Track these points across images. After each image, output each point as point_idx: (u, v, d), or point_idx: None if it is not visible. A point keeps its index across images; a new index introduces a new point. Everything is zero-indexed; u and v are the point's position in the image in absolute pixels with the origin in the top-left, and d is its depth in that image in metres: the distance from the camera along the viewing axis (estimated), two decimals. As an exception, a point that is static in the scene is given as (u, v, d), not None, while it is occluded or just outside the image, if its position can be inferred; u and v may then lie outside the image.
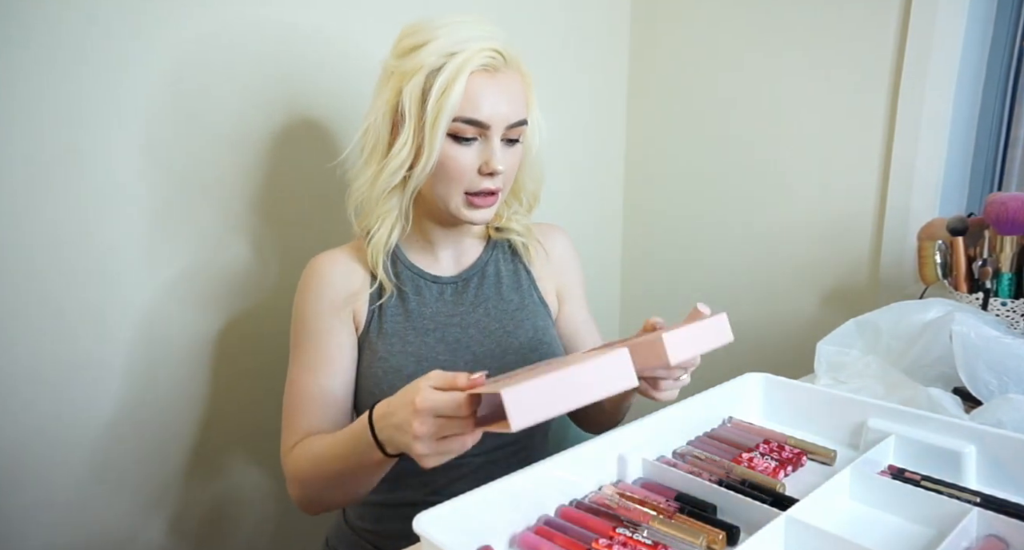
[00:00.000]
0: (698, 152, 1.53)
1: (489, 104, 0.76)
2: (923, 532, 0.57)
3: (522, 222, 0.92)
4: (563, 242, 0.97)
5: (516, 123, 0.79)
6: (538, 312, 0.91)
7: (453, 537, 0.52)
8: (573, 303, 0.96)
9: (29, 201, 0.88)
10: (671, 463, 0.67)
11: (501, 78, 0.77)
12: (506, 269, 0.91)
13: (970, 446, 0.65)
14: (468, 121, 0.76)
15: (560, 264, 0.96)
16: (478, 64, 0.75)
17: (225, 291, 1.08)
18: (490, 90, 0.76)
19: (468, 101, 0.75)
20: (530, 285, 0.92)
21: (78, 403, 0.96)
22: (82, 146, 0.91)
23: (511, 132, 0.79)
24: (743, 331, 1.51)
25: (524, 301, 0.90)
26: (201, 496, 1.11)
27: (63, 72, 0.88)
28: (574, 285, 0.97)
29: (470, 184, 0.79)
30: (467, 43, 0.75)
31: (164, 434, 1.05)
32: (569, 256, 0.97)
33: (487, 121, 0.76)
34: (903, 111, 1.19)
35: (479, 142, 0.78)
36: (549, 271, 0.94)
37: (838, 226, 1.32)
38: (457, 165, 0.78)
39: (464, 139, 0.77)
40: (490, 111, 0.76)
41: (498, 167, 0.77)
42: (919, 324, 0.89)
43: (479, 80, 0.76)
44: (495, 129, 0.77)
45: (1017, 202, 0.94)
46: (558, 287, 0.95)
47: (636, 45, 1.62)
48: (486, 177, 0.79)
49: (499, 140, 0.78)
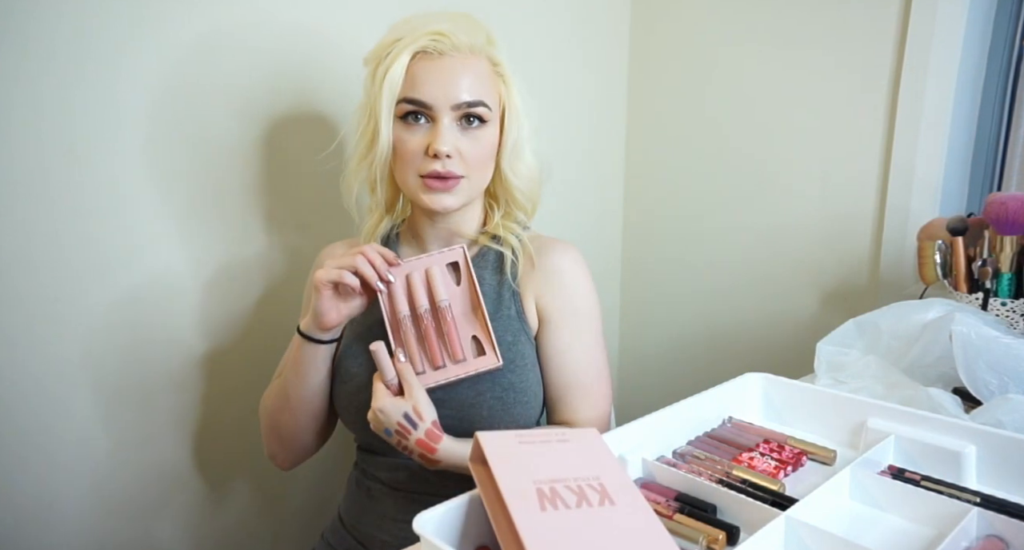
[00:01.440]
0: (698, 151, 1.53)
1: (429, 84, 0.76)
2: (923, 532, 0.57)
3: (518, 232, 0.87)
4: (564, 263, 0.85)
5: (465, 103, 0.77)
6: (509, 326, 0.83)
7: (453, 537, 0.52)
8: (554, 328, 0.84)
9: (28, 202, 0.88)
10: (671, 463, 0.67)
11: (447, 61, 0.77)
12: (490, 280, 0.85)
13: (970, 446, 0.65)
14: (409, 100, 0.77)
15: (548, 283, 0.84)
16: (419, 46, 0.76)
17: (233, 288, 1.08)
18: (432, 70, 0.76)
19: (408, 81, 0.77)
20: (511, 297, 0.84)
21: (85, 404, 0.96)
22: (81, 146, 0.91)
23: (463, 112, 0.78)
24: (743, 331, 1.52)
25: (498, 312, 0.83)
26: (202, 495, 1.11)
27: (63, 73, 0.88)
28: (561, 309, 0.84)
29: (420, 167, 0.79)
30: (413, 29, 0.76)
31: (165, 434, 1.05)
32: (565, 279, 0.85)
33: (429, 101, 0.77)
34: (903, 111, 1.19)
35: (428, 125, 0.78)
36: (533, 286, 0.85)
37: (838, 226, 1.32)
38: (404, 147, 0.79)
39: (411, 120, 0.78)
40: (431, 91, 0.76)
41: (441, 148, 0.76)
42: (919, 324, 0.88)
43: (422, 62, 0.77)
44: (439, 109, 0.77)
45: (1017, 202, 0.94)
46: (540, 305, 0.85)
47: (636, 45, 1.62)
48: (433, 159, 0.78)
49: (448, 121, 0.78)
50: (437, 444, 0.74)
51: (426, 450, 0.74)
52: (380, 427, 0.75)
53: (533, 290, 0.85)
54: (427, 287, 0.80)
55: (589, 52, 1.55)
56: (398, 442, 0.75)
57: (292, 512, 1.23)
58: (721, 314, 1.55)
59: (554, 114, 1.51)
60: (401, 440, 0.74)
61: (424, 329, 0.79)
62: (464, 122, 0.79)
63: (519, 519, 0.48)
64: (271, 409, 0.88)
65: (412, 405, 0.74)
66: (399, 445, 0.75)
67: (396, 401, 0.74)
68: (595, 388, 0.85)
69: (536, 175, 0.88)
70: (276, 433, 0.89)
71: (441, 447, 0.74)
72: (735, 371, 0.83)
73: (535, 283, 0.85)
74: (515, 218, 0.89)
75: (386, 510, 0.87)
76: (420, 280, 0.80)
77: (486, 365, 0.78)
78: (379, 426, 0.75)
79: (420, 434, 0.74)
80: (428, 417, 0.74)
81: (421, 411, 0.74)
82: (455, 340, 0.79)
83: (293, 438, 0.88)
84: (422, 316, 0.79)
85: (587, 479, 0.54)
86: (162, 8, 0.94)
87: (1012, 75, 1.19)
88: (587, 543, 0.47)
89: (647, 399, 0.89)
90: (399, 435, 0.74)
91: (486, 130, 0.80)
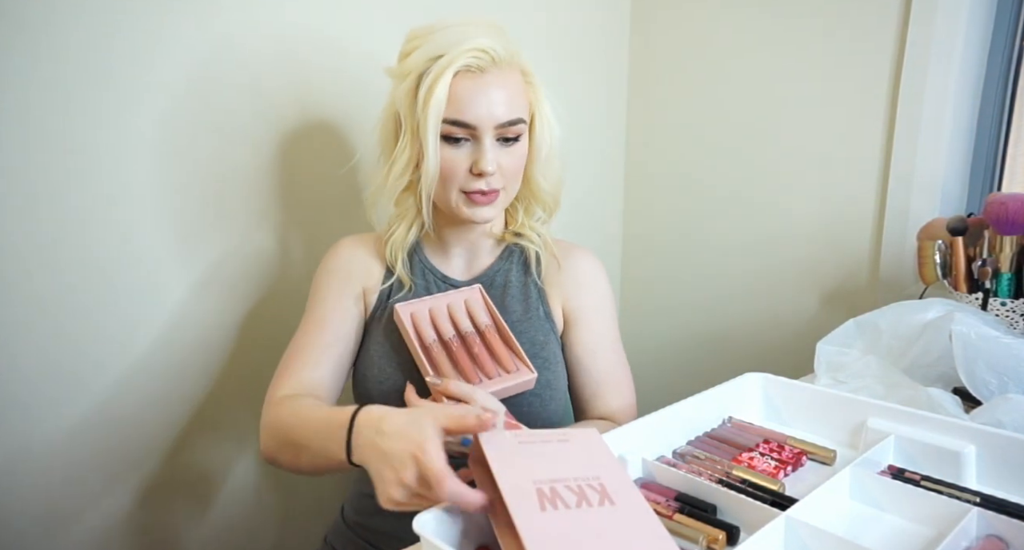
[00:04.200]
0: (698, 152, 1.53)
1: (474, 105, 0.76)
2: (923, 532, 0.57)
3: (540, 231, 0.91)
4: (586, 266, 0.92)
5: (507, 122, 0.78)
6: (540, 327, 0.87)
7: (453, 537, 0.52)
8: (581, 328, 0.90)
9: (34, 201, 0.88)
10: (671, 463, 0.67)
11: (489, 78, 0.76)
12: (516, 280, 0.90)
13: (970, 446, 0.65)
14: (454, 122, 0.77)
15: (575, 285, 0.90)
16: (461, 64, 0.75)
17: (246, 287, 1.09)
18: (475, 90, 0.76)
19: (452, 103, 0.76)
20: (538, 298, 0.89)
21: (85, 405, 0.96)
22: (97, 145, 0.92)
23: (505, 131, 0.78)
24: (743, 331, 1.52)
25: (527, 313, 0.88)
26: (202, 496, 1.11)
27: (83, 73, 0.88)
28: (586, 309, 0.90)
29: (464, 184, 0.80)
30: (453, 46, 0.75)
31: (165, 434, 1.05)
32: (589, 280, 0.91)
33: (473, 122, 0.76)
34: (903, 111, 1.19)
35: (471, 143, 0.78)
36: (560, 288, 0.90)
37: (838, 226, 1.32)
38: (449, 166, 0.79)
39: (454, 140, 0.78)
40: (476, 112, 0.76)
41: (487, 168, 0.77)
42: (919, 324, 0.88)
43: (464, 82, 0.76)
44: (483, 129, 0.77)
45: (1017, 202, 0.94)
46: (567, 307, 0.90)
47: (636, 45, 1.62)
48: (477, 178, 0.79)
49: (491, 140, 0.78)
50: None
51: None
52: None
53: (559, 292, 0.90)
54: (451, 319, 0.82)
55: (589, 52, 1.55)
56: None
57: (293, 515, 1.22)
58: (721, 314, 1.55)
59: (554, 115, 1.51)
60: None
61: (455, 353, 0.79)
62: (503, 140, 0.79)
63: (519, 519, 0.48)
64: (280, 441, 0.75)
65: (480, 406, 0.66)
66: None
67: (465, 407, 0.65)
68: (623, 383, 0.91)
69: (558, 176, 0.90)
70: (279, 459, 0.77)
71: None
72: (735, 371, 0.83)
73: (560, 286, 0.90)
74: (535, 216, 0.91)
75: None
76: (443, 315, 0.82)
77: (522, 377, 0.78)
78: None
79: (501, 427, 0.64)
80: (500, 409, 0.68)
81: (492, 408, 0.67)
82: (486, 359, 0.79)
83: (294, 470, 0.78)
84: (450, 341, 0.80)
85: (587, 479, 0.54)
86: (161, 12, 0.94)
87: (1012, 75, 1.19)
88: (586, 543, 0.47)
89: (647, 399, 0.90)
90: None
91: (521, 143, 0.82)
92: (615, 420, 0.86)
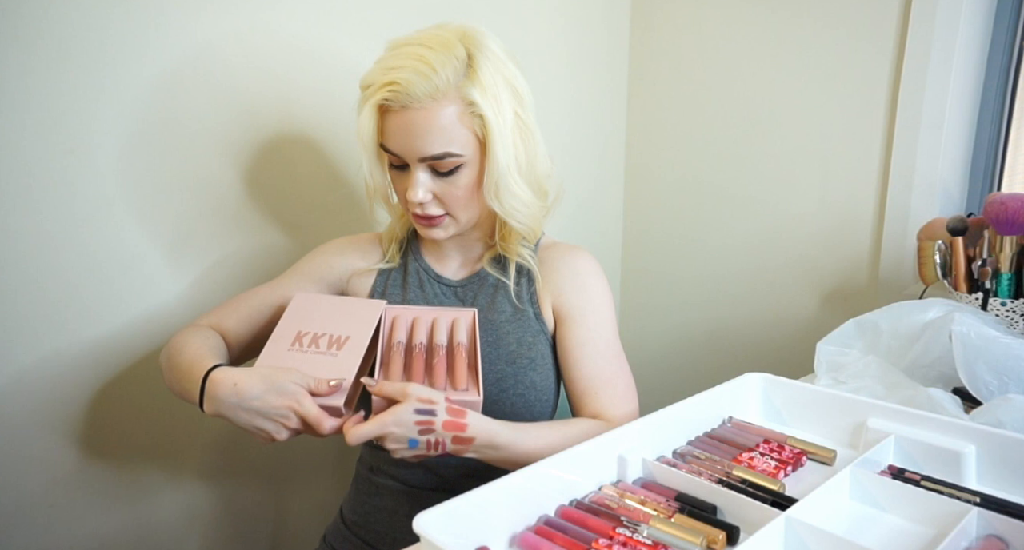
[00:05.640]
0: (698, 151, 1.54)
1: (396, 136, 0.76)
2: (923, 532, 0.57)
3: (525, 253, 0.88)
4: (580, 265, 0.88)
5: (431, 157, 0.75)
6: (529, 326, 0.85)
7: (453, 537, 0.52)
8: (571, 325, 0.86)
9: (32, 202, 0.88)
10: (671, 463, 0.67)
11: (410, 115, 0.74)
12: (510, 279, 0.88)
13: (970, 446, 0.65)
14: (385, 149, 0.78)
15: (567, 283, 0.87)
16: (379, 100, 0.74)
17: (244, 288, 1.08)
18: (398, 123, 0.75)
19: (383, 132, 0.77)
20: (529, 297, 0.87)
21: (84, 406, 0.96)
22: (80, 149, 0.91)
23: (435, 164, 0.76)
24: (743, 331, 1.52)
25: (517, 313, 0.86)
26: (202, 493, 1.11)
27: (64, 76, 0.88)
28: (577, 307, 0.86)
29: (409, 206, 0.80)
30: (377, 78, 0.74)
31: (164, 434, 1.05)
32: (581, 279, 0.87)
33: (398, 152, 0.77)
34: (903, 111, 1.19)
35: (409, 168, 0.78)
36: (552, 287, 0.87)
37: (838, 226, 1.32)
38: (395, 188, 0.82)
39: (397, 165, 0.79)
40: (398, 144, 0.76)
41: (412, 198, 0.77)
42: (919, 324, 0.88)
43: (388, 115, 0.76)
44: (409, 160, 0.77)
45: (1017, 202, 0.94)
46: (557, 304, 0.87)
47: (636, 45, 1.62)
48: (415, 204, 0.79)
49: (422, 170, 0.77)
50: (464, 419, 0.68)
51: (457, 430, 0.68)
52: (403, 443, 0.68)
53: (550, 291, 0.87)
54: (430, 329, 0.80)
55: (589, 52, 1.55)
56: (427, 443, 0.68)
57: (292, 515, 1.22)
58: (721, 314, 1.55)
59: (554, 115, 1.51)
60: (429, 438, 0.68)
61: (413, 359, 0.77)
62: (434, 171, 0.78)
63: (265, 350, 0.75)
64: (166, 361, 0.80)
65: (415, 398, 0.67)
66: (430, 446, 0.68)
67: (396, 407, 0.67)
68: (618, 382, 0.85)
69: (530, 201, 0.83)
70: (170, 376, 0.79)
71: (469, 420, 0.68)
72: (735, 371, 0.83)
73: (551, 284, 0.87)
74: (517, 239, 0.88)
75: (398, 506, 0.87)
76: (425, 324, 0.81)
77: (466, 396, 0.73)
78: (401, 443, 0.68)
79: (444, 415, 0.67)
80: (438, 396, 0.68)
81: (427, 396, 0.68)
82: (440, 372, 0.75)
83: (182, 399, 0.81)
84: (414, 347, 0.78)
85: (341, 335, 0.75)
86: (157, 13, 0.94)
87: (1012, 75, 1.20)
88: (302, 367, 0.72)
89: (647, 399, 0.89)
90: (425, 432, 0.67)
91: (461, 173, 0.78)
92: (605, 418, 0.82)
